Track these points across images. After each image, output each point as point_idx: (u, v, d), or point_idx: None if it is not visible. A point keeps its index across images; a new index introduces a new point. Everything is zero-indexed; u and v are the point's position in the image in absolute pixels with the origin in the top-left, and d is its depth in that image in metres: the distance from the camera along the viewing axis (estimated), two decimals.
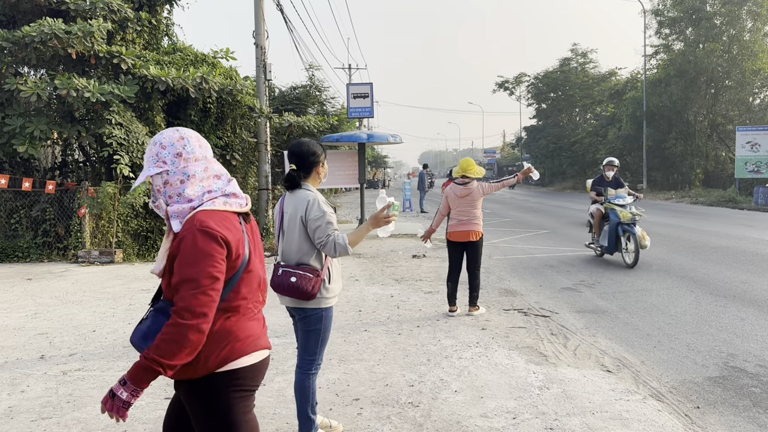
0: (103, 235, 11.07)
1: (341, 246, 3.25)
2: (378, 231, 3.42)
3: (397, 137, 15.37)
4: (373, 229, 3.36)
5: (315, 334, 3.44)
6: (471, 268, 6.74)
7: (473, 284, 6.73)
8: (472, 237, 6.62)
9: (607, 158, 10.69)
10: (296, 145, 3.48)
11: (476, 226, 6.63)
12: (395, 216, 3.36)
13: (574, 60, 47.31)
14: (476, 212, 6.64)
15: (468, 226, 6.61)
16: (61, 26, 10.67)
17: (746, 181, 26.62)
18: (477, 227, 6.63)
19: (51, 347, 5.67)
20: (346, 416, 3.98)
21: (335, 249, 3.26)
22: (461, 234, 6.64)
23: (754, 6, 30.85)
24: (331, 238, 3.27)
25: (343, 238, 3.27)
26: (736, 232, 14.06)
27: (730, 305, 7.08)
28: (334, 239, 3.26)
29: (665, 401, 4.25)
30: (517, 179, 6.75)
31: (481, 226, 6.69)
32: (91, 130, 11.03)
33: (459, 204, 6.66)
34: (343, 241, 3.25)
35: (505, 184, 6.81)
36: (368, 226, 3.33)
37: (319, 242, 3.31)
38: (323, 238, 3.29)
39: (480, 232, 6.67)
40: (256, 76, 14.12)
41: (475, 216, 6.63)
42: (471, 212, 6.62)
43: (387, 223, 3.34)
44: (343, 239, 3.26)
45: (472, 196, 6.60)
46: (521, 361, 5.09)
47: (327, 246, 3.28)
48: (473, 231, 6.62)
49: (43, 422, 3.96)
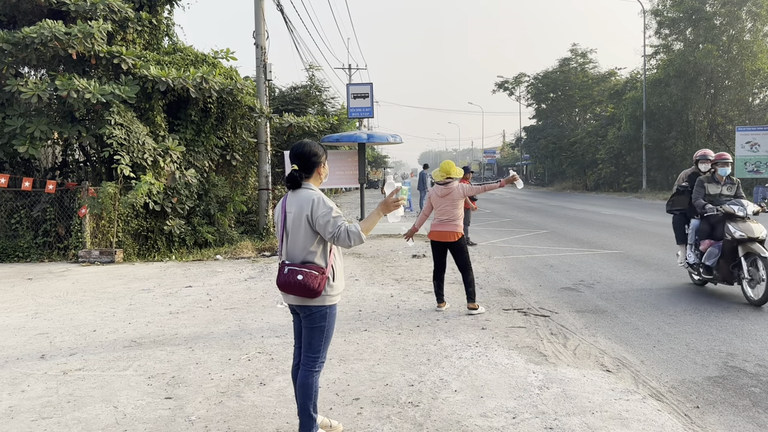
0: (103, 235, 11.07)
1: (355, 234, 3.29)
2: (388, 216, 3.50)
3: (397, 137, 15.39)
4: (384, 214, 3.43)
5: (319, 332, 3.46)
6: (461, 267, 6.80)
7: (466, 280, 6.78)
8: (451, 237, 6.69)
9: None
10: (298, 146, 3.50)
11: (455, 227, 6.70)
12: (404, 200, 3.44)
13: (574, 60, 47.35)
14: (457, 212, 6.71)
15: (447, 226, 6.69)
16: (61, 28, 10.69)
17: (746, 181, 26.61)
18: (456, 228, 6.70)
19: (51, 347, 5.68)
20: (346, 416, 3.99)
21: (350, 238, 3.29)
22: (440, 234, 6.73)
23: (753, 6, 30.87)
24: (343, 228, 3.30)
25: (355, 226, 3.31)
26: None
27: (730, 305, 7.09)
28: (346, 228, 3.29)
29: (665, 401, 4.26)
30: (501, 185, 6.79)
31: (461, 227, 6.76)
32: (92, 130, 11.04)
33: (440, 203, 6.74)
34: (356, 229, 3.30)
35: (487, 188, 6.89)
36: (379, 212, 3.42)
37: (331, 235, 3.32)
38: (335, 231, 3.30)
39: (460, 233, 6.72)
40: (256, 76, 14.13)
41: (456, 216, 6.70)
42: (452, 212, 6.68)
43: (397, 207, 3.42)
44: (356, 227, 3.31)
45: (452, 196, 6.67)
46: (521, 360, 5.10)
47: (341, 237, 3.29)
48: (452, 232, 6.68)
49: (44, 422, 3.97)
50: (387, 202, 3.40)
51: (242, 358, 5.24)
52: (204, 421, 3.94)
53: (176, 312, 7.02)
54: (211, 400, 4.29)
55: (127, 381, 4.71)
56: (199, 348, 5.56)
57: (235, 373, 4.86)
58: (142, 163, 11.08)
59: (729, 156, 7.75)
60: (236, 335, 5.96)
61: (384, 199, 3.42)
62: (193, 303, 7.48)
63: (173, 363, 5.13)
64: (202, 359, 5.22)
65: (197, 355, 5.33)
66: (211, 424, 3.90)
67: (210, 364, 5.08)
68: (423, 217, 7.11)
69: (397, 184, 3.46)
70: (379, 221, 3.50)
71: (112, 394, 4.43)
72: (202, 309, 7.15)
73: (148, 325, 6.45)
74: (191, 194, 12.11)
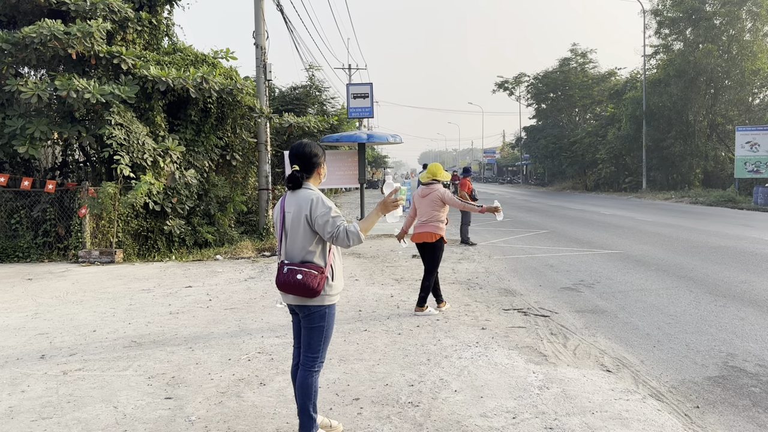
0: (103, 235, 11.07)
1: (354, 234, 3.29)
2: (387, 216, 3.52)
3: (397, 137, 15.39)
4: (383, 214, 3.45)
5: (318, 332, 3.46)
6: (425, 268, 6.79)
7: (424, 284, 6.75)
8: (428, 238, 6.69)
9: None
10: (298, 147, 3.51)
11: (434, 228, 6.69)
12: (403, 200, 3.46)
13: (574, 60, 47.32)
14: (437, 214, 6.71)
15: (425, 227, 6.71)
16: (61, 27, 10.68)
17: (746, 181, 26.64)
18: (435, 229, 6.69)
19: (51, 347, 5.68)
20: (346, 416, 3.99)
21: (348, 237, 3.29)
22: (419, 235, 6.77)
23: (753, 6, 30.88)
24: (342, 228, 3.30)
25: (354, 226, 3.32)
26: (736, 231, 14.08)
27: (730, 305, 7.09)
28: (345, 228, 3.30)
29: (665, 401, 4.26)
30: (481, 210, 6.81)
31: (441, 230, 6.74)
32: (92, 130, 11.03)
33: (420, 204, 6.80)
34: (355, 229, 3.30)
35: (467, 207, 6.89)
36: (377, 212, 3.44)
37: (330, 235, 3.32)
38: (334, 230, 3.31)
39: (437, 234, 6.70)
40: (256, 76, 14.12)
41: (435, 218, 6.70)
42: (431, 213, 6.71)
43: (395, 208, 3.44)
44: (355, 227, 3.31)
45: (431, 197, 6.72)
46: (521, 360, 5.10)
47: (339, 237, 3.30)
48: (429, 233, 6.68)
49: (44, 422, 3.97)
50: (386, 202, 3.42)
51: (242, 358, 5.24)
52: (204, 421, 3.94)
53: (176, 312, 7.02)
54: (211, 400, 4.29)
55: (127, 381, 4.71)
56: (199, 348, 5.56)
57: (235, 373, 4.86)
58: (142, 164, 11.07)
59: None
60: (236, 335, 5.96)
61: (383, 199, 3.44)
62: (193, 303, 7.48)
63: (173, 363, 5.13)
64: (202, 359, 5.22)
65: (197, 355, 5.33)
66: (211, 424, 3.90)
67: (210, 364, 5.08)
68: (410, 219, 7.13)
69: (395, 184, 3.50)
70: (378, 221, 3.51)
71: (112, 394, 4.42)
72: (202, 309, 7.15)
73: (148, 325, 6.45)
74: (191, 194, 12.11)
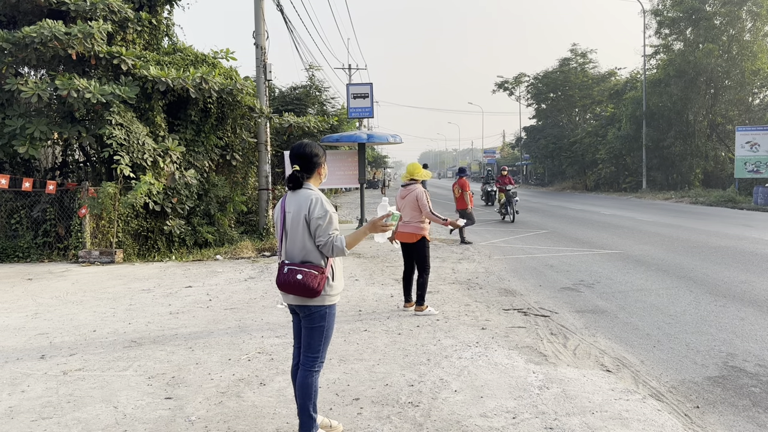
0: (103, 236, 11.07)
1: (338, 248, 3.38)
2: (375, 236, 3.63)
3: (397, 137, 15.38)
4: (371, 233, 3.52)
5: (318, 332, 3.47)
6: (418, 267, 6.96)
7: (418, 283, 6.88)
8: (410, 239, 6.87)
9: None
10: (299, 147, 3.52)
11: (415, 229, 6.84)
12: (393, 226, 3.52)
13: (574, 60, 47.30)
14: (417, 215, 6.83)
15: (407, 227, 6.87)
16: (61, 28, 10.69)
17: (746, 181, 26.63)
18: (416, 230, 6.84)
19: (51, 347, 5.68)
20: (346, 416, 3.99)
21: (333, 250, 3.39)
22: (402, 235, 6.94)
23: (753, 6, 30.87)
24: (330, 239, 3.38)
25: (341, 241, 3.38)
26: (736, 232, 14.07)
27: (730, 305, 7.09)
28: (332, 241, 3.37)
29: (665, 401, 4.26)
30: (444, 223, 7.05)
31: (423, 230, 6.86)
32: (92, 130, 11.03)
33: (401, 205, 6.95)
34: (341, 244, 3.37)
35: (436, 219, 6.91)
36: (366, 230, 3.51)
37: (318, 241, 3.40)
38: (323, 238, 3.38)
39: (419, 234, 6.84)
40: (256, 76, 14.12)
41: (415, 218, 6.84)
42: (411, 213, 6.85)
43: (384, 231, 3.51)
44: (341, 242, 3.38)
45: (409, 198, 6.87)
46: (521, 360, 5.10)
47: (326, 246, 3.39)
48: (411, 233, 6.85)
49: (44, 422, 3.97)
50: (375, 224, 3.49)
51: (242, 358, 5.24)
52: (204, 421, 3.94)
53: (176, 312, 7.02)
54: (211, 400, 4.29)
55: (127, 381, 4.71)
56: (199, 348, 5.56)
57: (235, 373, 4.86)
58: (142, 164, 11.07)
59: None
60: (236, 335, 5.96)
61: (373, 220, 3.50)
62: (193, 303, 7.48)
63: (173, 363, 5.13)
64: (202, 359, 5.22)
65: (197, 355, 5.33)
66: (211, 424, 3.90)
67: (210, 364, 5.08)
68: None
69: (390, 208, 3.55)
70: (364, 239, 3.56)
71: (112, 395, 4.43)
72: (202, 309, 7.15)
73: (148, 325, 6.45)
74: (191, 194, 12.11)
